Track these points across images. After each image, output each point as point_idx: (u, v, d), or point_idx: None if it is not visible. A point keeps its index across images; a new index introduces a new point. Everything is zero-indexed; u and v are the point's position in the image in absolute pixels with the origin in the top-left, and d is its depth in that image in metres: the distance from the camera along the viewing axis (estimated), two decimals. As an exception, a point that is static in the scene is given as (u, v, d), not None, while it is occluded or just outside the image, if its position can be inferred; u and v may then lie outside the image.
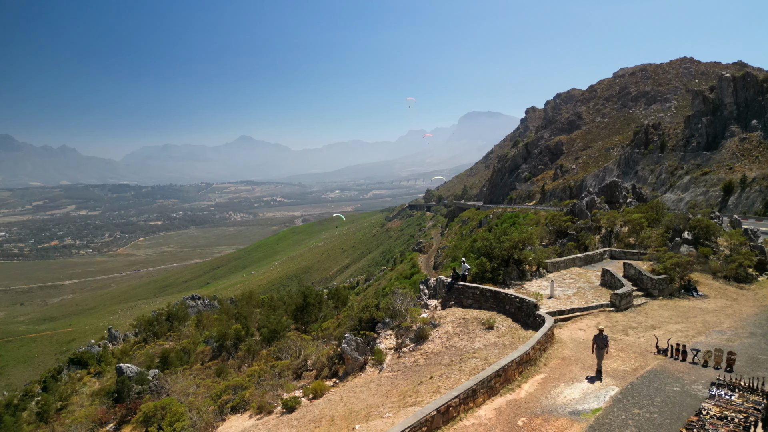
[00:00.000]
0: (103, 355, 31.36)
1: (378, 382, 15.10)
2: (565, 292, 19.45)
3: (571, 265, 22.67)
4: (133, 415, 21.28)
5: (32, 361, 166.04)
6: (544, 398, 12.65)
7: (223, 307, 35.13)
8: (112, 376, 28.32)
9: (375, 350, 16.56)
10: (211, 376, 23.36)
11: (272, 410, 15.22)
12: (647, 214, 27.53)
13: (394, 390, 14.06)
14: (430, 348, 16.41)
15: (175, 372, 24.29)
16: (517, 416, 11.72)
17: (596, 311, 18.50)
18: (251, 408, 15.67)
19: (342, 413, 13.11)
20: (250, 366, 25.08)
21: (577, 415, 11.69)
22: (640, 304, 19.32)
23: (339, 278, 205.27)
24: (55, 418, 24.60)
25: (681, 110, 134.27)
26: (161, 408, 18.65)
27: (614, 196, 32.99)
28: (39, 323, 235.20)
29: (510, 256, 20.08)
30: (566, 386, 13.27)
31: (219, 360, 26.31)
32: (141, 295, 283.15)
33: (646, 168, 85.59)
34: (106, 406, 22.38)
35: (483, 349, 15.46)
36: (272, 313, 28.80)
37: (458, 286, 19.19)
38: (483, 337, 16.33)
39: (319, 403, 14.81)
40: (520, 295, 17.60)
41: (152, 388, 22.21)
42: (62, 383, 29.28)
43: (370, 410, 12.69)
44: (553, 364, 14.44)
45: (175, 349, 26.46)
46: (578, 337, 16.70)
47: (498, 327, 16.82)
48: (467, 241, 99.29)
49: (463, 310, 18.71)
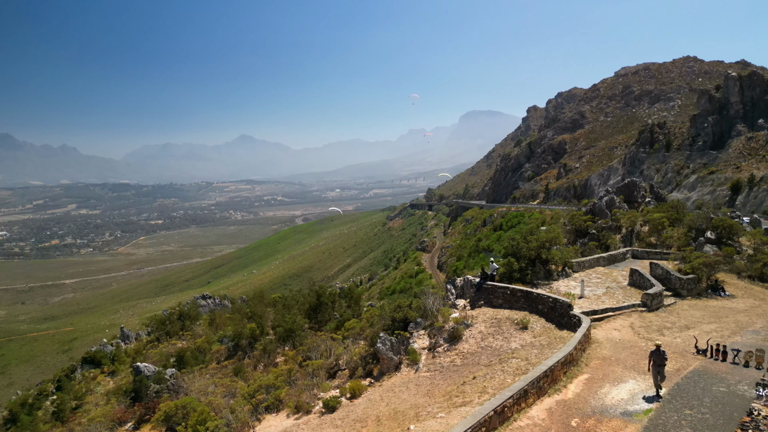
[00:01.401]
0: (117, 355, 31.22)
1: (416, 381, 15.00)
2: (594, 292, 19.33)
3: (596, 265, 22.53)
4: (151, 415, 21.11)
5: (34, 360, 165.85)
6: (592, 399, 12.59)
7: (235, 306, 34.99)
8: (127, 376, 28.18)
9: (409, 350, 16.45)
10: (229, 376, 23.19)
11: (310, 410, 15.08)
12: (668, 213, 27.35)
13: (435, 390, 13.99)
14: (465, 348, 16.32)
15: (192, 371, 24.12)
16: (570, 417, 11.65)
17: (628, 311, 18.39)
18: (287, 407, 15.52)
19: (386, 413, 13.00)
20: (267, 365, 24.97)
21: (629, 416, 11.59)
22: (670, 304, 19.19)
23: (341, 277, 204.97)
24: (70, 417, 24.43)
25: (684, 109, 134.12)
26: (182, 407, 18.51)
27: (632, 195, 32.88)
28: (40, 322, 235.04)
29: (537, 255, 19.95)
30: (612, 387, 13.18)
31: (235, 359, 26.15)
32: (142, 294, 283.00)
33: (652, 167, 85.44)
34: (124, 405, 22.18)
35: (521, 349, 15.37)
36: (287, 313, 28.67)
37: (487, 286, 19.05)
38: (518, 338, 16.24)
39: (360, 403, 14.71)
40: (554, 295, 17.55)
41: (170, 388, 22.05)
42: (76, 382, 29.14)
43: (418, 410, 12.52)
44: (594, 365, 14.34)
45: (190, 348, 26.29)
46: (614, 337, 16.60)
47: (532, 327, 16.75)
48: (471, 240, 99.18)
49: (494, 310, 18.58)
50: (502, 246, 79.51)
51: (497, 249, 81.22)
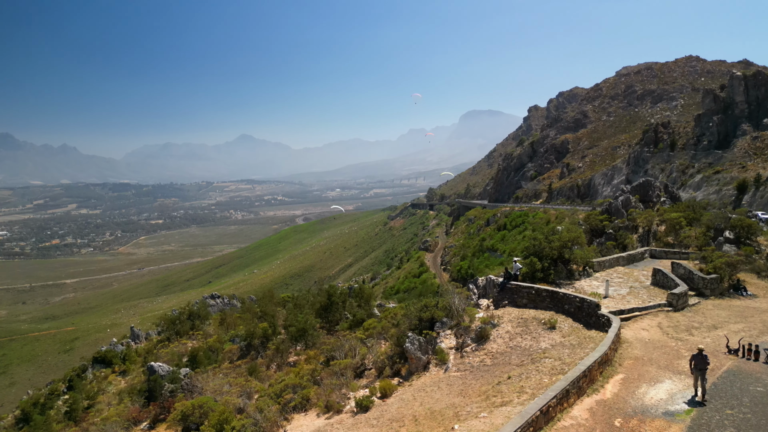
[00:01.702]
0: (128, 354, 31.15)
1: (447, 381, 14.96)
2: (618, 292, 19.27)
3: (615, 265, 22.45)
4: (167, 414, 21.02)
5: (36, 360, 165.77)
6: (631, 399, 12.54)
7: (245, 305, 34.90)
8: (138, 375, 28.08)
9: (437, 350, 16.39)
10: (243, 375, 23.09)
11: (341, 409, 14.97)
12: (685, 213, 27.27)
13: (469, 390, 13.95)
14: (494, 348, 16.24)
15: (206, 371, 24.04)
16: (612, 416, 11.61)
17: (655, 311, 18.30)
18: (317, 407, 15.41)
19: (422, 413, 12.93)
20: (280, 365, 24.88)
21: (671, 416, 11.53)
22: (694, 304, 19.11)
23: (342, 277, 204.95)
24: (83, 417, 24.33)
25: (687, 109, 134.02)
26: (198, 407, 18.42)
27: (647, 195, 32.79)
28: (41, 322, 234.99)
29: (559, 255, 19.86)
30: (649, 387, 13.14)
31: (248, 359, 26.06)
32: (143, 293, 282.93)
33: (656, 167, 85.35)
34: (138, 405, 22.11)
35: (551, 349, 15.31)
36: (299, 312, 28.59)
37: (511, 286, 18.95)
38: (547, 338, 16.19)
39: (392, 403, 14.66)
40: (580, 295, 17.41)
41: (184, 387, 21.98)
42: (87, 382, 29.05)
43: (456, 410, 12.45)
44: (627, 365, 14.27)
45: (203, 348, 26.22)
46: (643, 337, 16.54)
47: (560, 327, 16.63)
48: (475, 239, 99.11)
49: (519, 309, 18.52)
50: (507, 246, 79.47)
51: (501, 248, 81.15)
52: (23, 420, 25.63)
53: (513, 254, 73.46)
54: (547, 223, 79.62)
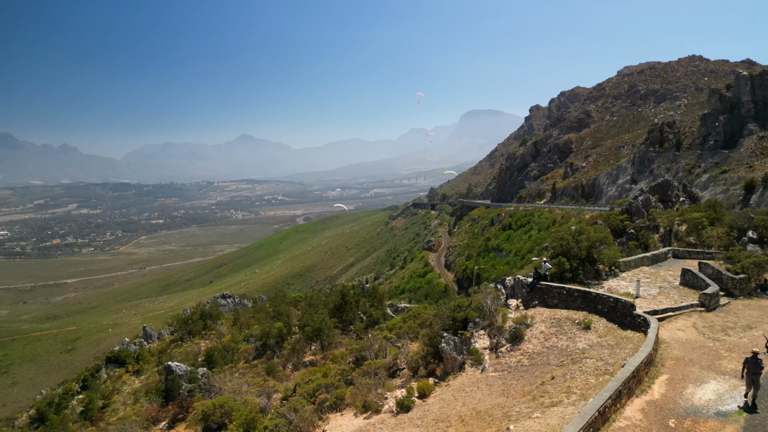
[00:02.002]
0: (141, 354, 31.00)
1: (486, 381, 14.87)
2: (648, 292, 19.13)
3: (640, 265, 22.31)
4: (185, 414, 20.89)
5: (38, 360, 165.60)
6: (680, 399, 12.46)
7: (257, 305, 34.75)
8: (152, 375, 27.95)
9: (472, 350, 16.28)
10: (261, 375, 22.95)
11: (379, 409, 14.80)
12: (707, 213, 27.13)
13: (510, 390, 13.84)
14: (530, 348, 16.14)
15: (223, 370, 23.90)
16: (665, 417, 11.56)
17: (688, 311, 18.12)
18: (353, 407, 15.28)
19: (467, 413, 12.81)
20: (296, 365, 24.73)
21: (724, 417, 11.46)
22: (724, 304, 18.96)
23: (344, 276, 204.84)
24: (99, 417, 24.20)
25: (691, 108, 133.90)
26: (219, 406, 18.29)
27: (666, 195, 32.67)
28: (42, 321, 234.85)
29: (588, 255, 19.71)
30: (695, 387, 13.06)
31: (264, 358, 25.91)
32: (144, 293, 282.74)
33: (662, 166, 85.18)
34: (157, 404, 21.97)
35: (590, 349, 15.16)
36: (314, 312, 28.46)
37: (541, 286, 18.80)
38: (583, 338, 16.04)
39: (433, 403, 14.53)
40: (614, 295, 17.31)
41: (202, 387, 21.88)
42: (101, 381, 28.90)
43: (504, 410, 12.39)
44: (669, 365, 14.16)
45: (218, 347, 26.08)
46: (679, 337, 16.43)
47: (595, 327, 16.46)
48: (479, 239, 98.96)
49: (550, 310, 18.40)
50: (513, 246, 79.27)
51: (507, 248, 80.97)
52: (38, 420, 25.49)
53: (519, 254, 73.18)
54: (553, 223, 79.44)
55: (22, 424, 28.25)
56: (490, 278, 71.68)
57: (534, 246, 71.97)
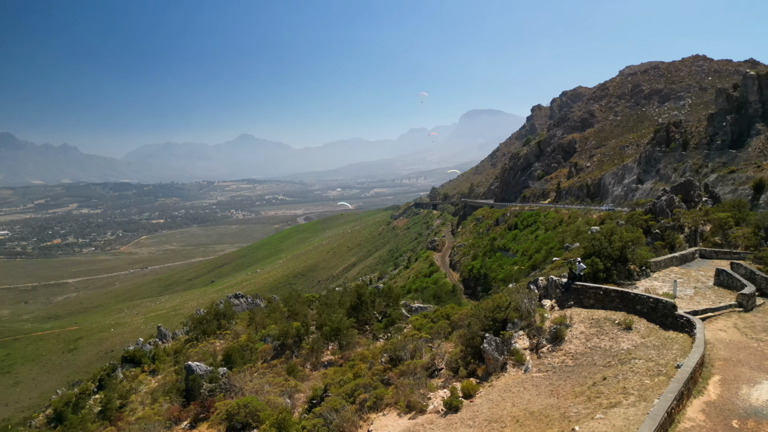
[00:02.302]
0: (157, 353, 30.81)
1: (532, 382, 14.74)
2: (683, 292, 18.90)
3: (670, 265, 22.08)
4: (207, 413, 20.72)
5: (40, 359, 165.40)
6: (737, 400, 12.30)
7: (272, 305, 34.53)
8: (169, 374, 27.72)
9: (513, 350, 16.19)
10: (282, 375, 22.75)
11: (424, 409, 14.64)
12: (732, 212, 26.91)
13: (559, 390, 13.68)
14: (572, 348, 15.96)
15: (242, 370, 23.68)
16: (727, 418, 11.43)
17: (727, 311, 18.06)
18: (396, 407, 15.05)
19: (520, 414, 12.66)
20: (315, 364, 24.47)
21: None
22: (760, 304, 18.76)
23: (346, 276, 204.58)
24: (117, 416, 24.01)
25: (695, 108, 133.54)
26: (243, 406, 18.08)
27: (689, 195, 32.48)
28: (44, 321, 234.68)
29: (621, 255, 19.46)
30: (749, 388, 12.88)
31: (283, 358, 25.68)
32: (146, 293, 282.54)
33: (669, 166, 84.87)
34: (178, 404, 21.80)
35: (635, 350, 14.98)
36: (332, 312, 28.27)
37: (577, 286, 18.56)
38: (626, 338, 15.87)
39: (481, 403, 14.35)
40: (654, 296, 17.12)
41: (223, 387, 21.73)
42: (118, 381, 28.72)
43: (561, 411, 12.24)
44: (718, 366, 14.03)
45: (236, 347, 25.87)
46: (722, 338, 16.24)
47: (637, 328, 16.31)
48: (484, 239, 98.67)
49: (587, 310, 18.20)
50: (520, 245, 78.94)
51: (514, 248, 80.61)
52: (55, 419, 25.25)
53: (527, 254, 72.75)
54: (560, 222, 79.12)
55: (39, 424, 28.06)
56: (497, 278, 71.31)
57: (541, 246, 71.67)
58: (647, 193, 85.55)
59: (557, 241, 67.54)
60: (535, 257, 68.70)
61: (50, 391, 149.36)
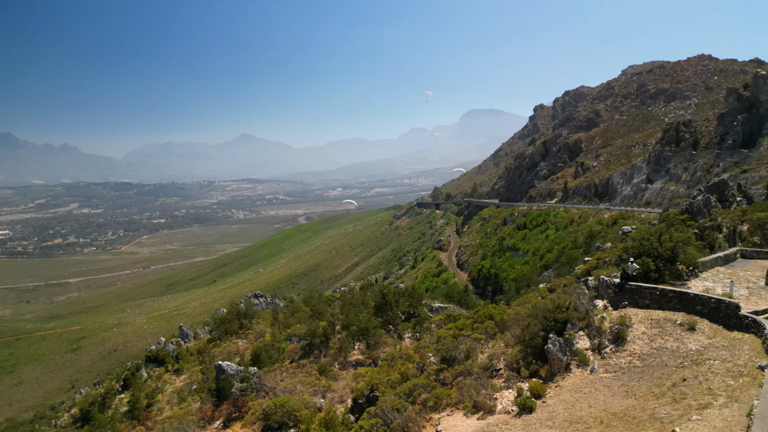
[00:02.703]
0: (181, 353, 30.60)
1: (602, 383, 14.50)
2: (738, 293, 18.59)
3: (715, 265, 21.80)
4: (239, 413, 20.60)
5: (43, 359, 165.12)
6: None
7: (294, 305, 34.25)
8: (194, 374, 27.46)
9: (576, 351, 16.01)
10: (312, 374, 22.58)
11: (492, 409, 14.35)
12: (771, 212, 26.80)
13: (635, 391, 13.43)
14: (636, 349, 15.72)
15: (272, 370, 23.44)
16: None
17: None
18: (461, 407, 14.73)
19: (601, 414, 12.37)
20: (344, 364, 24.21)
21: None
22: (816, 304, 18.47)
23: (349, 276, 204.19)
24: (146, 416, 23.80)
25: (702, 108, 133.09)
26: (280, 405, 17.85)
27: (723, 194, 32.25)
28: (46, 321, 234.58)
29: (672, 255, 19.15)
30: None
31: (311, 358, 25.44)
32: (147, 293, 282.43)
33: (679, 165, 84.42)
34: (210, 403, 21.71)
35: (705, 350, 14.70)
36: (358, 312, 28.04)
37: (631, 287, 18.31)
38: (692, 339, 15.61)
39: (554, 404, 14.08)
40: (716, 296, 16.92)
41: (254, 386, 21.58)
42: (142, 381, 28.50)
43: (648, 412, 11.95)
44: None
45: (262, 347, 25.64)
46: None
47: (701, 328, 16.07)
48: (492, 239, 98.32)
49: (643, 311, 17.94)
50: (530, 245, 78.53)
51: (524, 248, 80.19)
52: (82, 419, 24.95)
53: (538, 254, 72.31)
54: (570, 222, 78.74)
55: (64, 423, 27.80)
56: (508, 278, 70.85)
57: (552, 245, 71.29)
58: (657, 192, 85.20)
59: (569, 241, 67.10)
60: (547, 257, 68.23)
61: (53, 391, 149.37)
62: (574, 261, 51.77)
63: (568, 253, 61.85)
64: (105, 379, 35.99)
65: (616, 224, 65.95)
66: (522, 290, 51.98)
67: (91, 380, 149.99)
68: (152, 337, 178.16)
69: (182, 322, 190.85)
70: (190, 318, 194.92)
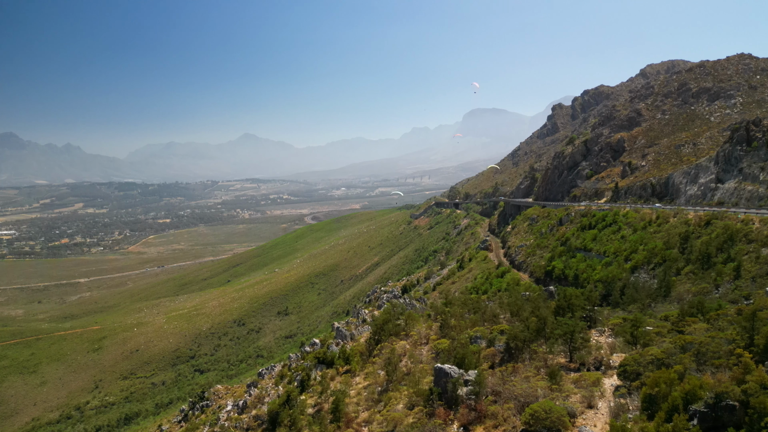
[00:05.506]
0: (351, 354, 28.19)
1: None
2: None
3: None
4: (478, 417, 18.93)
5: (65, 359, 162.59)
6: None
7: (472, 304, 31.82)
8: (372, 375, 25.35)
9: None
10: (544, 379, 20.76)
11: None
12: None
13: None
14: None
15: (480, 374, 21.38)
16: None
17: None
18: None
19: None
20: (554, 370, 21.91)
21: None
22: None
23: (371, 276, 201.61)
24: (349, 418, 21.81)
25: (747, 107, 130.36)
26: (548, 411, 15.63)
27: None
28: (61, 321, 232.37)
29: None
30: None
31: (519, 363, 23.25)
32: (161, 292, 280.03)
33: (754, 165, 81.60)
34: (442, 407, 20.18)
35: None
36: (568, 315, 25.72)
37: None
38: None
39: None
40: None
41: (487, 391, 19.57)
42: (317, 382, 26.18)
43: None
44: None
45: (460, 350, 23.57)
46: None
47: None
48: (550, 239, 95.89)
49: None
50: (603, 246, 75.69)
51: (597, 249, 77.31)
52: (271, 421, 22.41)
53: (620, 254, 69.45)
54: (649, 223, 76.14)
55: (246, 426, 25.35)
56: (592, 278, 67.97)
57: (636, 246, 68.61)
58: (731, 192, 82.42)
59: (661, 242, 64.20)
60: (635, 258, 65.47)
61: (77, 391, 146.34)
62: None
63: (661, 254, 59.06)
64: (280, 380, 33.39)
65: (709, 225, 63.16)
66: (627, 294, 49.22)
67: (115, 380, 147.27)
68: (173, 338, 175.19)
69: (203, 322, 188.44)
70: (210, 318, 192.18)
